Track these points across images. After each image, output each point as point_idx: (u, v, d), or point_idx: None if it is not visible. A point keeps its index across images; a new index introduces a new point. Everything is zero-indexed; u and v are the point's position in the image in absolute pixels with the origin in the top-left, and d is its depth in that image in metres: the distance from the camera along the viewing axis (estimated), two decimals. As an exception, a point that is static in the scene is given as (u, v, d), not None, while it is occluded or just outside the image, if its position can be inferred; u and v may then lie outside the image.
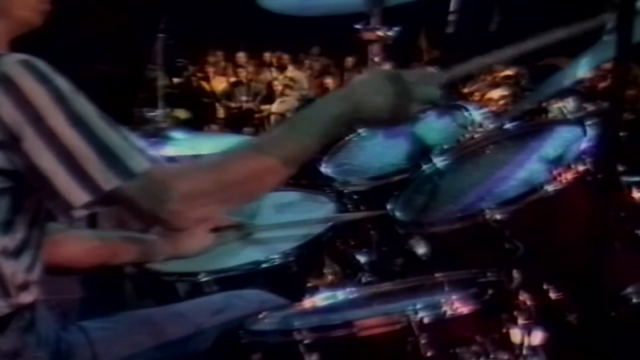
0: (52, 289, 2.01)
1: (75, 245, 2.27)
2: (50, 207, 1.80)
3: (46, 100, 1.73)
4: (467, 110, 2.81)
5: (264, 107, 12.69)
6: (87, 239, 2.32)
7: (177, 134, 3.40)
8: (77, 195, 1.74)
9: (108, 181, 1.74)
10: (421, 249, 2.32)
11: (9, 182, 1.77)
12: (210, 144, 3.47)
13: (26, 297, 1.86)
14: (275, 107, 12.54)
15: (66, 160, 1.73)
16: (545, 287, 2.15)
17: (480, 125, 2.69)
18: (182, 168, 1.83)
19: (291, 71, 13.47)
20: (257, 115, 12.57)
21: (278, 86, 13.06)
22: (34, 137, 1.73)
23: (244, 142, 1.92)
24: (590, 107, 2.91)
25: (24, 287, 1.85)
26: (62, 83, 1.76)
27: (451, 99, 3.61)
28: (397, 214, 2.42)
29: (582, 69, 2.79)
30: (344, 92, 1.90)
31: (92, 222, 2.63)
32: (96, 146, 1.74)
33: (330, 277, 2.51)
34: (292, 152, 1.84)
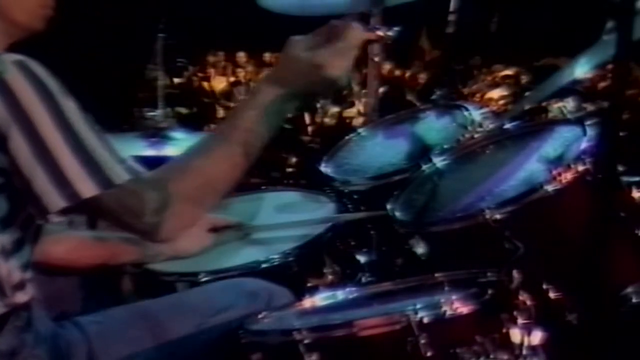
0: (52, 289, 2.01)
1: (73, 245, 2.27)
2: (30, 209, 1.81)
3: (35, 102, 1.73)
4: (467, 110, 2.81)
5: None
6: (86, 239, 2.32)
7: (177, 134, 3.40)
8: (54, 200, 1.74)
9: (87, 189, 1.74)
10: (421, 249, 2.32)
11: (3, 180, 1.77)
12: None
13: (22, 297, 1.86)
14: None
15: (47, 163, 1.74)
16: (545, 287, 2.15)
17: (480, 125, 2.69)
18: (157, 179, 1.82)
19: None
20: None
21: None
22: (19, 137, 1.73)
23: (206, 139, 1.92)
24: (590, 107, 2.91)
25: (20, 286, 1.85)
26: (54, 86, 1.76)
27: (451, 99, 3.62)
28: (397, 214, 2.42)
29: (581, 69, 2.79)
30: (275, 76, 1.91)
31: (91, 222, 2.62)
32: (79, 153, 1.74)
33: (330, 277, 2.50)
34: (250, 145, 1.86)
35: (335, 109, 4.21)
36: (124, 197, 1.78)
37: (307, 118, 4.14)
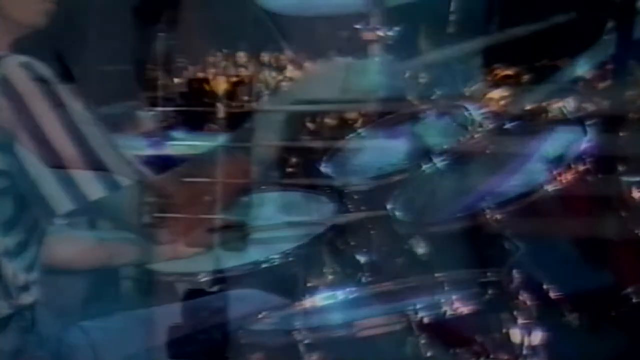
0: (52, 289, 2.01)
1: (73, 245, 2.27)
2: (35, 211, 1.80)
3: (43, 104, 1.73)
4: (467, 110, 2.81)
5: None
6: (86, 239, 2.32)
7: (177, 134, 3.40)
8: (62, 202, 1.74)
9: (94, 191, 1.74)
10: (421, 249, 2.32)
11: (8, 182, 1.77)
12: (210, 144, 3.46)
13: (27, 298, 1.86)
14: (274, 107, 12.51)
15: (54, 166, 1.73)
16: (545, 287, 2.15)
17: (480, 125, 2.69)
18: (165, 180, 1.83)
19: (290, 71, 13.46)
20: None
21: (277, 86, 13.03)
22: (27, 140, 1.73)
23: (216, 146, 1.92)
24: (590, 107, 2.91)
25: (24, 288, 1.85)
26: (61, 88, 1.76)
27: (451, 99, 3.61)
28: (397, 214, 2.42)
29: (581, 69, 2.79)
30: (297, 87, 1.93)
31: (91, 222, 2.62)
32: (86, 155, 1.75)
33: (330, 277, 2.50)
34: (262, 152, 1.87)
35: (335, 109, 4.20)
36: (131, 200, 1.78)
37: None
